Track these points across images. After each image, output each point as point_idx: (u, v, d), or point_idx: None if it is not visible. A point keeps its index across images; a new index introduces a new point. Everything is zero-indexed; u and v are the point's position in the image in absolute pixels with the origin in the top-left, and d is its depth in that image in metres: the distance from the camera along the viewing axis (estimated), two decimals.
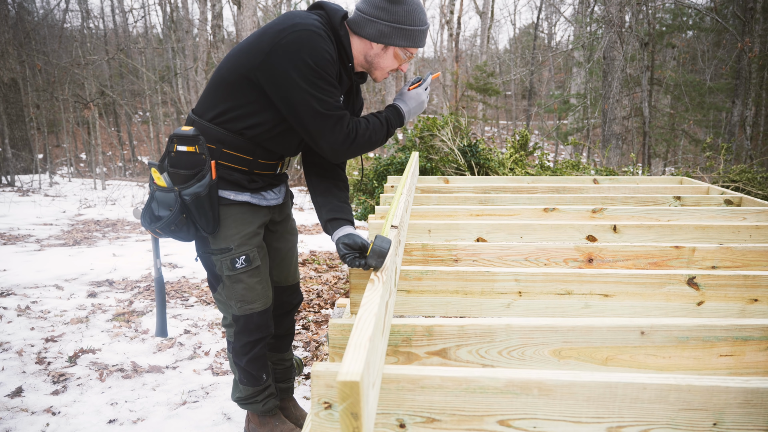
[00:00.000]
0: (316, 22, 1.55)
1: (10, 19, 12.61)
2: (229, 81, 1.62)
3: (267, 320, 1.88)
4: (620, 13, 9.08)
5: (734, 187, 5.14)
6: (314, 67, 1.49)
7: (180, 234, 1.72)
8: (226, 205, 1.73)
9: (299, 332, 3.29)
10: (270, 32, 1.54)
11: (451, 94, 18.16)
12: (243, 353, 1.87)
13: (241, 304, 1.80)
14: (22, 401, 2.41)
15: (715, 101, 14.41)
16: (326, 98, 1.54)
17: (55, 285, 4.04)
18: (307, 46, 1.49)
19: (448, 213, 2.46)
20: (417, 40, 1.63)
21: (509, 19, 49.96)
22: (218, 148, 1.67)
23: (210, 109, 1.67)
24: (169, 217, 1.66)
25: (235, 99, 1.62)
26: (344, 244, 1.47)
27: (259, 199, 1.81)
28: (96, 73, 15.35)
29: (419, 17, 1.61)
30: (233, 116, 1.64)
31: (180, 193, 1.65)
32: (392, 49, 1.63)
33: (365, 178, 5.77)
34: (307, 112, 1.54)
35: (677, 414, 0.93)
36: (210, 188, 1.66)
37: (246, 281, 1.79)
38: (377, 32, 1.60)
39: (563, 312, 1.57)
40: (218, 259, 1.76)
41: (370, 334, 0.86)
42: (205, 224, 1.70)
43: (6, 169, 10.70)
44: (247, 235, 1.77)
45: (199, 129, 1.67)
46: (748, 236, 2.13)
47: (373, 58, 1.66)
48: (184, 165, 1.64)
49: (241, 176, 1.73)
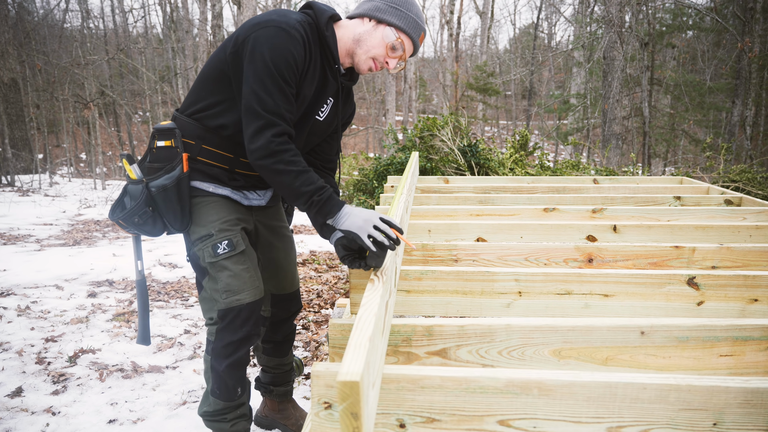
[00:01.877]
0: (295, 21, 1.51)
1: (10, 19, 12.60)
2: (209, 76, 1.60)
3: (256, 315, 1.73)
4: (620, 13, 9.08)
5: (734, 187, 5.14)
6: (268, 64, 1.45)
7: (145, 228, 1.65)
8: (204, 196, 1.68)
9: (299, 332, 3.29)
10: (247, 25, 1.52)
11: (451, 94, 18.16)
12: (224, 355, 1.71)
13: (227, 295, 1.67)
14: (22, 401, 2.41)
15: (715, 101, 14.41)
16: (267, 98, 1.46)
17: (55, 285, 4.04)
18: (269, 43, 1.45)
19: (448, 213, 2.46)
20: (410, 26, 1.58)
21: (509, 19, 50.06)
22: (197, 144, 1.64)
23: (191, 105, 1.65)
24: (132, 208, 1.60)
25: (213, 95, 1.60)
26: (343, 245, 1.43)
27: (240, 197, 1.75)
28: (96, 73, 15.35)
29: (416, 10, 1.59)
30: (210, 113, 1.61)
31: (147, 184, 1.60)
32: (383, 28, 1.57)
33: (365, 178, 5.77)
34: (246, 104, 1.48)
35: (677, 414, 0.93)
36: (179, 181, 1.60)
37: (231, 268, 1.67)
38: (372, 7, 1.58)
39: (563, 312, 1.57)
40: (200, 249, 1.67)
41: (370, 334, 0.86)
42: (172, 219, 1.64)
43: (6, 169, 10.70)
44: (229, 221, 1.69)
45: (179, 124, 1.65)
46: (748, 236, 2.13)
47: (361, 35, 1.58)
48: (162, 159, 1.61)
49: (221, 172, 1.68)
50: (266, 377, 2.13)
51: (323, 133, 1.77)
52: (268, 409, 2.19)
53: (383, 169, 5.74)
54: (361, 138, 24.30)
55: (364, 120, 24.22)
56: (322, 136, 1.79)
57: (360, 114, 24.10)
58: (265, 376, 2.13)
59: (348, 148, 21.68)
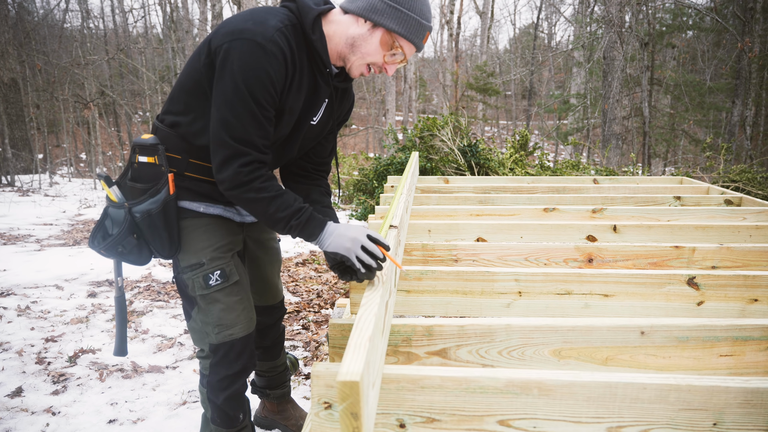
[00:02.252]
0: (274, 31, 1.31)
1: (10, 19, 12.60)
2: (185, 87, 1.43)
3: (250, 347, 1.64)
4: (620, 13, 9.08)
5: (734, 187, 5.14)
6: (239, 85, 1.28)
7: (130, 257, 1.51)
8: (195, 218, 1.53)
9: (299, 332, 3.29)
10: (222, 32, 1.33)
11: (451, 94, 18.16)
12: (220, 389, 1.62)
13: (219, 329, 1.55)
14: (22, 401, 2.41)
15: (715, 101, 14.41)
16: (236, 124, 1.30)
17: (55, 285, 4.04)
18: (240, 60, 1.27)
19: (448, 213, 2.46)
20: (412, 30, 1.36)
21: (509, 19, 50.10)
22: (184, 158, 1.48)
23: (171, 115, 1.48)
24: (115, 237, 1.46)
25: (193, 110, 1.43)
26: (333, 257, 1.32)
27: (233, 214, 1.61)
28: (96, 73, 15.35)
29: (421, 7, 1.36)
30: (192, 130, 1.45)
31: (130, 209, 1.46)
32: (380, 32, 1.35)
33: (365, 178, 5.77)
34: (214, 130, 1.33)
35: (677, 414, 0.93)
36: (165, 205, 1.45)
37: (223, 300, 1.55)
38: (367, 5, 1.34)
39: (563, 312, 1.57)
40: (190, 278, 1.53)
41: (370, 334, 0.86)
42: (159, 247, 1.49)
43: (6, 169, 10.70)
44: (222, 248, 1.55)
45: (162, 137, 1.48)
46: (748, 236, 2.13)
47: (356, 39, 1.37)
48: (145, 178, 1.46)
49: (211, 187, 1.52)
50: (262, 381, 2.11)
51: (318, 135, 1.63)
52: (268, 410, 2.19)
53: (383, 169, 5.75)
54: (361, 138, 24.31)
55: (364, 120, 24.23)
56: (317, 138, 1.65)
57: (360, 114, 24.11)
58: (261, 380, 2.11)
59: (348, 148, 21.69)
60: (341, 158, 7.72)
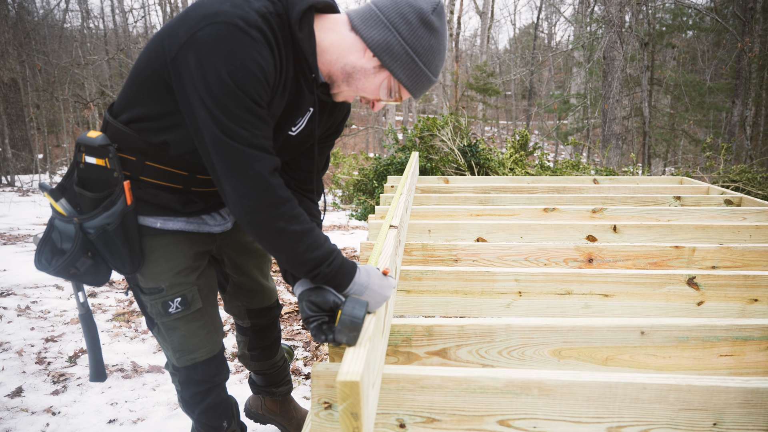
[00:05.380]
0: (256, 16, 1.05)
1: (10, 19, 12.61)
2: (144, 77, 1.15)
3: (216, 367, 1.50)
4: (620, 13, 9.08)
5: (734, 187, 5.15)
6: (226, 81, 1.01)
7: (86, 278, 1.30)
8: (152, 236, 1.32)
9: (299, 332, 3.29)
10: (192, 16, 1.05)
11: (451, 94, 18.16)
12: (194, 403, 1.52)
13: (180, 354, 1.41)
14: (22, 401, 2.41)
15: (715, 101, 14.42)
16: (235, 127, 1.03)
17: (55, 285, 4.04)
18: (222, 49, 1.01)
19: (448, 213, 2.47)
20: (419, 84, 1.19)
21: (509, 19, 50.12)
22: (140, 161, 1.23)
23: (125, 109, 1.22)
24: (66, 258, 1.24)
25: (151, 103, 1.17)
26: (311, 302, 1.05)
27: (198, 225, 1.39)
28: (96, 73, 15.36)
29: (437, 64, 1.19)
30: (152, 127, 1.19)
31: (81, 225, 1.24)
32: (386, 75, 1.17)
33: (365, 178, 5.77)
34: (209, 136, 1.05)
35: (677, 414, 0.93)
36: (124, 218, 1.24)
37: (184, 328, 1.39)
38: (384, 42, 1.12)
39: (563, 312, 1.57)
40: (147, 301, 1.37)
41: (370, 334, 0.86)
42: (119, 265, 1.30)
43: (6, 169, 10.70)
44: (183, 271, 1.37)
45: (113, 134, 1.23)
46: (748, 236, 2.13)
47: (356, 71, 1.16)
48: (94, 184, 1.23)
49: (171, 197, 1.30)
50: (263, 380, 2.06)
51: (296, 148, 1.36)
52: (269, 410, 2.18)
53: (383, 169, 5.74)
54: (361, 138, 24.32)
55: (364, 120, 24.23)
56: (296, 151, 1.37)
57: (360, 114, 24.11)
58: (261, 378, 2.06)
59: (348, 148, 21.69)
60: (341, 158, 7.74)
